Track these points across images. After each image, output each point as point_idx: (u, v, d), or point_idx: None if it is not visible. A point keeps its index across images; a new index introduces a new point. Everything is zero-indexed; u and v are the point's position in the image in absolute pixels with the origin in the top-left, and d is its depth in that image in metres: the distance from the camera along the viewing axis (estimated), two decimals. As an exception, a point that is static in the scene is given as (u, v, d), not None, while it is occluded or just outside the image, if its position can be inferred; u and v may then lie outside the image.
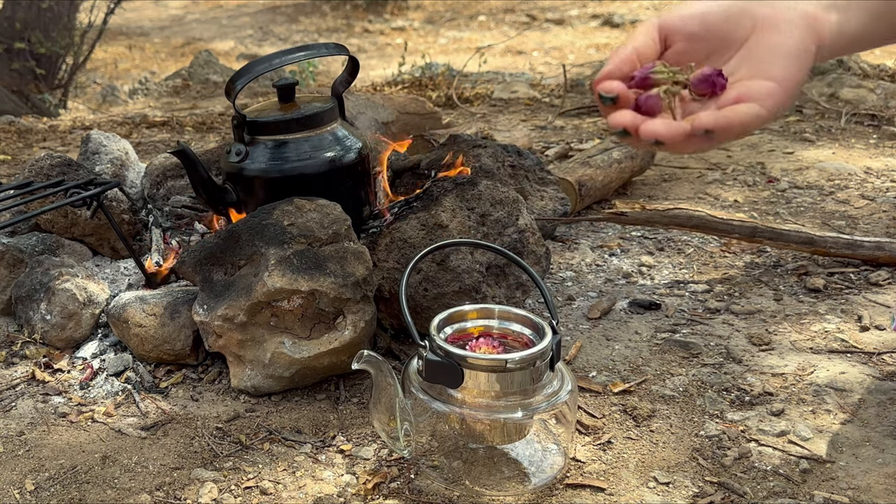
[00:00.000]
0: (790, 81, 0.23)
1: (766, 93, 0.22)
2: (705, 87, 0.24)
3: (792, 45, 0.23)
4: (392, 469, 0.49)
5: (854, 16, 0.25)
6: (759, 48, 0.24)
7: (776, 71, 0.23)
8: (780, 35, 0.23)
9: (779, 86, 0.23)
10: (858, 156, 1.06)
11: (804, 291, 0.71)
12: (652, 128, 0.22)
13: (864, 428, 0.52)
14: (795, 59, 0.23)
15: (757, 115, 0.22)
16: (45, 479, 0.49)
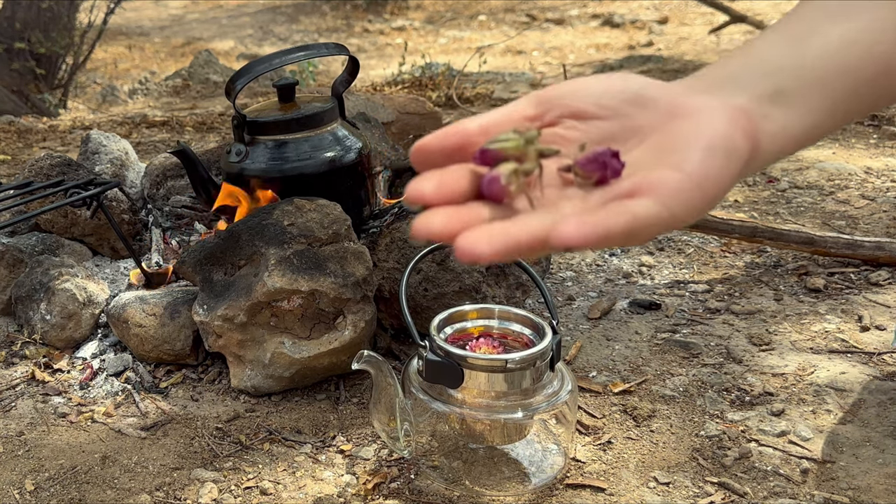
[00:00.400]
0: (708, 180, 0.15)
1: (673, 188, 0.15)
2: (594, 168, 0.16)
3: (715, 135, 0.16)
4: (392, 469, 0.49)
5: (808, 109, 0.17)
6: (670, 137, 0.16)
7: (690, 164, 0.15)
8: (700, 124, 0.16)
9: (691, 181, 0.15)
10: (859, 156, 1.06)
11: (804, 291, 0.71)
12: (470, 243, 0.14)
13: (865, 428, 0.52)
14: (719, 154, 0.16)
15: (655, 216, 0.14)
16: (45, 479, 0.49)
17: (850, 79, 0.18)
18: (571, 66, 1.55)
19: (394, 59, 1.65)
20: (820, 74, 0.18)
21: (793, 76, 0.18)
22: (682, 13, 2.04)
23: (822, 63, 0.18)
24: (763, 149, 0.17)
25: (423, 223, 0.15)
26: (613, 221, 0.14)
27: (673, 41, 1.79)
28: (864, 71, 0.18)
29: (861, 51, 0.18)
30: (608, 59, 1.63)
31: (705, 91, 0.18)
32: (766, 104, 0.18)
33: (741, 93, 0.18)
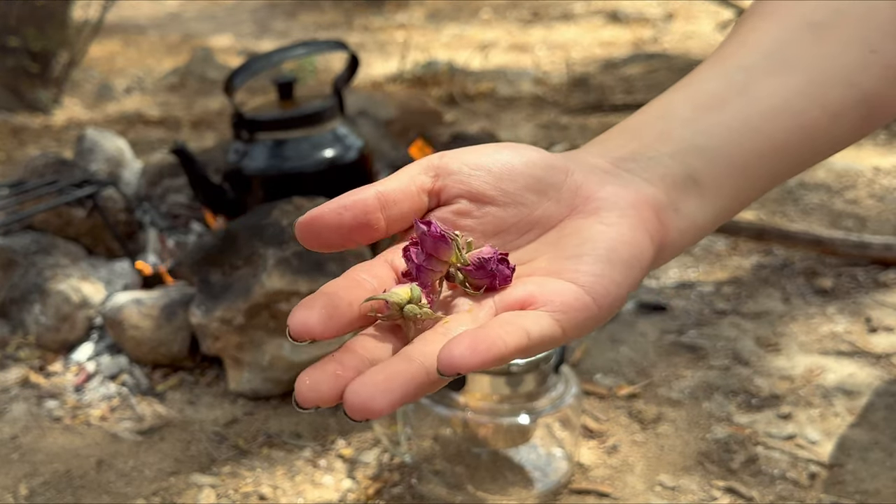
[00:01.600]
0: (606, 294, 0.14)
1: (567, 303, 0.13)
2: (481, 276, 0.14)
3: (617, 243, 0.14)
4: (393, 474, 0.48)
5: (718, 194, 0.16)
6: (573, 237, 0.15)
7: (588, 276, 0.14)
8: (604, 225, 0.15)
9: (587, 297, 0.14)
10: (867, 155, 1.05)
11: (812, 292, 0.71)
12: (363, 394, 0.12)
13: (873, 431, 0.51)
14: (619, 267, 0.14)
15: (548, 335, 0.13)
16: (40, 483, 0.48)
17: (767, 158, 0.16)
18: (576, 63, 1.54)
19: (394, 55, 1.63)
20: (735, 156, 0.16)
21: (706, 159, 0.16)
22: (688, 9, 2.02)
23: (737, 142, 0.16)
24: (669, 246, 0.16)
25: (308, 389, 0.12)
26: (505, 342, 0.12)
27: (679, 38, 1.77)
28: (784, 147, 0.16)
29: (783, 124, 0.16)
30: (613, 56, 1.61)
31: (613, 175, 0.16)
32: (677, 193, 0.16)
33: (651, 180, 0.16)
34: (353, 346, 0.13)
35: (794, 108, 0.16)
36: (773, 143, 0.16)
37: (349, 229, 0.15)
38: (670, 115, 0.17)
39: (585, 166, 0.16)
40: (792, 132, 0.16)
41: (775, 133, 0.16)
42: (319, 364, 0.13)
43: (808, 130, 0.17)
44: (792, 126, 0.16)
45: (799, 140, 0.17)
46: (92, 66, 1.61)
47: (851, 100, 0.17)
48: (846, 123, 0.17)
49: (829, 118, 0.17)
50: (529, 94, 1.43)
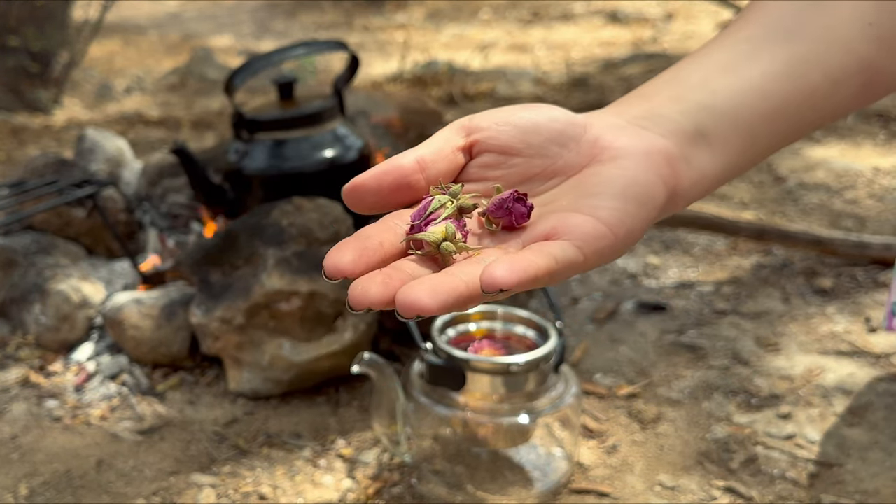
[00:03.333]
0: (622, 226, 0.15)
1: (587, 233, 0.15)
2: (501, 214, 0.16)
3: (631, 182, 0.16)
4: (393, 474, 0.48)
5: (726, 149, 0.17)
6: (591, 180, 0.16)
7: (604, 210, 0.15)
8: (619, 168, 0.16)
9: (605, 227, 0.15)
10: (867, 155, 1.05)
11: (812, 292, 0.71)
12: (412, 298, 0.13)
13: (873, 431, 0.51)
14: (633, 203, 0.16)
15: (572, 259, 0.15)
16: (40, 483, 0.48)
17: (774, 114, 0.18)
18: (576, 62, 1.54)
19: (394, 55, 1.63)
20: (741, 115, 0.17)
21: (714, 115, 0.17)
22: (688, 9, 2.02)
23: (743, 103, 0.17)
24: (681, 194, 0.17)
25: (360, 294, 0.14)
26: (537, 263, 0.14)
27: (679, 38, 1.77)
28: (787, 109, 0.18)
29: (785, 87, 0.18)
30: (613, 56, 1.61)
31: (628, 129, 0.17)
32: (687, 146, 0.17)
33: (664, 133, 0.17)
34: (398, 265, 0.15)
35: (797, 72, 0.18)
36: (777, 104, 0.18)
37: (388, 192, 0.16)
38: (681, 80, 0.18)
39: (603, 122, 0.18)
40: (794, 95, 0.18)
41: (778, 95, 0.18)
42: (368, 275, 0.14)
43: (810, 95, 0.18)
44: (794, 89, 0.18)
45: (801, 103, 0.18)
46: (92, 66, 1.61)
47: (851, 67, 0.18)
48: (846, 90, 0.18)
49: (830, 84, 0.18)
50: (529, 94, 1.43)
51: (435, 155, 0.17)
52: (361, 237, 0.15)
